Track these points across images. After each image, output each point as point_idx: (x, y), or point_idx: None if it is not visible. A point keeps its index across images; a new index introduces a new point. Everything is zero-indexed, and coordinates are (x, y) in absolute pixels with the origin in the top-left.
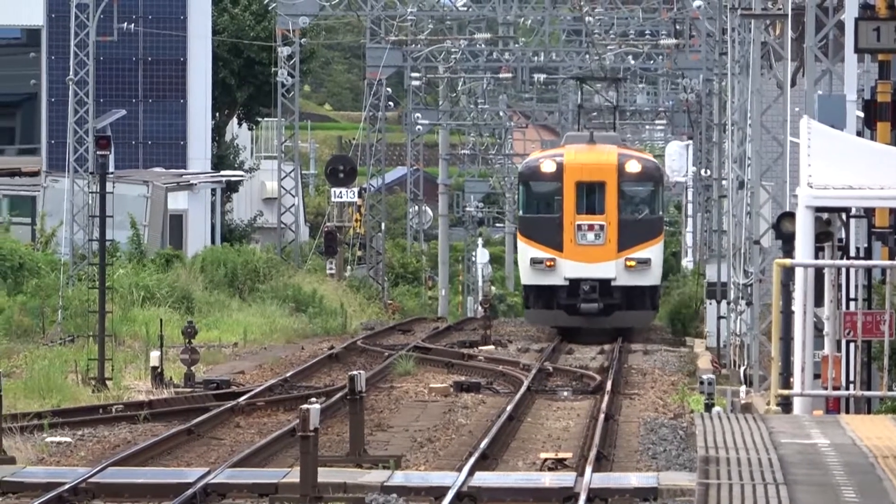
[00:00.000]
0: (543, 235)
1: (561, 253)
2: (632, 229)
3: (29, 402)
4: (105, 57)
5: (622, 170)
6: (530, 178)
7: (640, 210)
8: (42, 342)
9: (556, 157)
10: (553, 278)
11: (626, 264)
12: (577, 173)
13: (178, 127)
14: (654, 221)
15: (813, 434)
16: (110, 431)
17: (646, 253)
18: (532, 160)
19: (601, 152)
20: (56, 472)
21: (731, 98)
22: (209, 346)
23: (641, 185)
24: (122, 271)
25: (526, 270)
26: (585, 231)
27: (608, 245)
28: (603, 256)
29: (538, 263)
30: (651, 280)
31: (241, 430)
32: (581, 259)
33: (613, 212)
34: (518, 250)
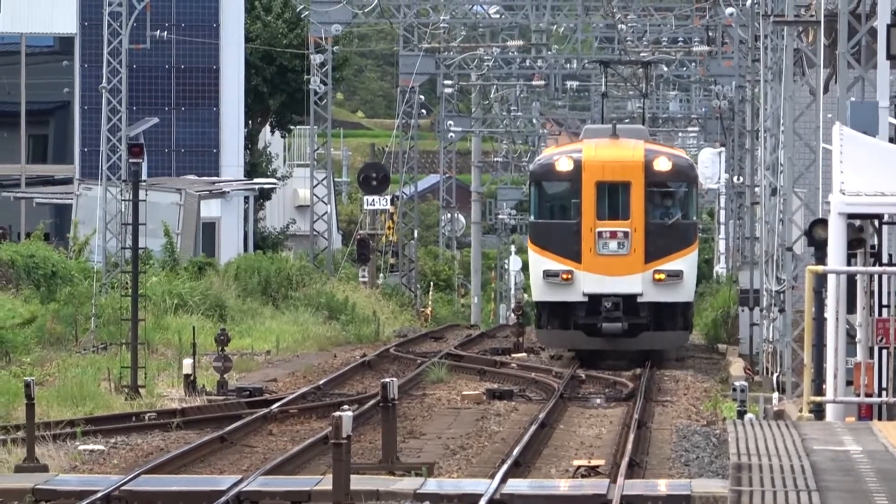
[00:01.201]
0: (558, 244)
1: (579, 265)
2: (661, 237)
3: (62, 409)
4: (138, 65)
5: (650, 168)
6: (543, 178)
7: (671, 214)
8: (75, 350)
9: (573, 153)
10: (569, 294)
11: (655, 277)
12: (597, 172)
13: (210, 135)
14: (686, 228)
15: (845, 441)
16: (143, 439)
17: (677, 264)
18: (545, 157)
19: (625, 147)
20: (89, 479)
21: (764, 105)
22: (242, 354)
23: (672, 186)
24: (155, 279)
25: (538, 284)
26: (607, 239)
27: (633, 255)
28: (627, 269)
29: (552, 277)
30: (683, 295)
31: (274, 437)
32: (602, 272)
33: (640, 217)
34: (529, 261)
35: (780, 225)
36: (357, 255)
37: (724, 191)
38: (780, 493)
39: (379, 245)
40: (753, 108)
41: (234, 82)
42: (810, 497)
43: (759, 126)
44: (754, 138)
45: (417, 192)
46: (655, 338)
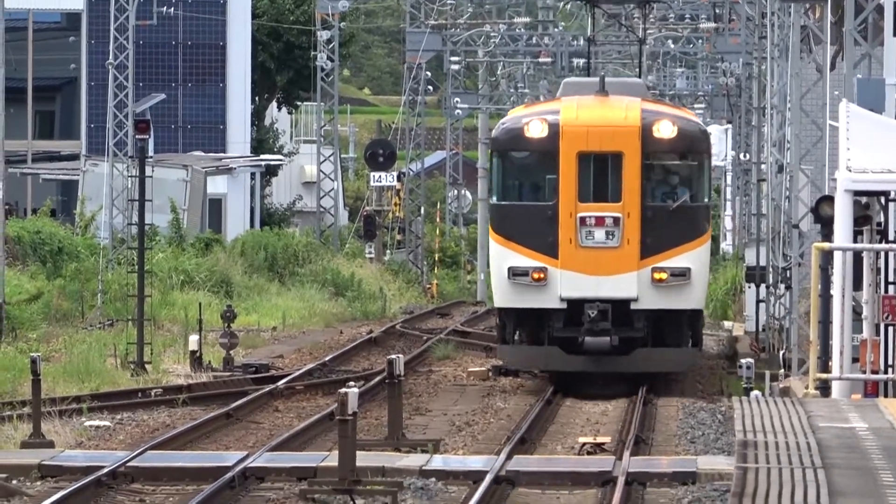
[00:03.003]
0: (528, 234)
1: (555, 261)
2: (663, 225)
3: (68, 385)
4: (145, 41)
5: (648, 134)
6: (509, 148)
7: (676, 195)
8: (81, 326)
9: (547, 115)
10: (543, 299)
11: (654, 278)
12: (579, 139)
13: (217, 111)
14: (695, 213)
15: (851, 418)
16: (149, 415)
17: (683, 260)
18: (512, 120)
19: (617, 108)
20: (95, 455)
21: (771, 82)
22: (248, 331)
23: (678, 158)
24: (161, 255)
25: (502, 286)
26: (592, 227)
27: (626, 249)
28: (618, 266)
29: (520, 276)
30: (691, 301)
31: (280, 413)
32: (585, 270)
33: (635, 198)
34: (490, 256)
35: (786, 202)
36: (363, 232)
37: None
38: (786, 470)
39: (385, 221)
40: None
41: (240, 58)
42: (816, 474)
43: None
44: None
45: (424, 168)
46: (654, 356)
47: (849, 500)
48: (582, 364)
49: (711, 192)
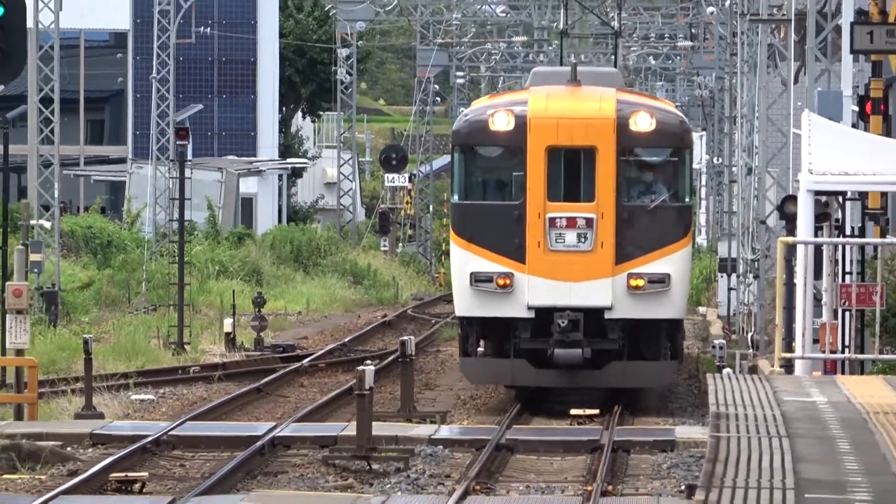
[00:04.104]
0: (492, 236)
1: (522, 265)
2: (640, 226)
3: (116, 363)
4: (184, 57)
5: (625, 127)
6: (471, 142)
7: (655, 194)
8: (128, 311)
9: (514, 106)
10: (508, 307)
11: (630, 284)
12: (549, 133)
13: (248, 120)
14: (676, 213)
15: (812, 393)
16: (188, 390)
17: (662, 265)
18: (475, 111)
19: (590, 99)
20: (140, 425)
21: (741, 94)
22: (276, 315)
23: (657, 153)
24: (199, 248)
25: (463, 293)
26: (563, 229)
27: (600, 252)
28: (591, 271)
29: (484, 282)
30: (670, 310)
31: (305, 388)
32: (555, 276)
33: (609, 197)
34: (451, 260)
35: (754, 201)
36: (379, 227)
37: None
38: (755, 439)
39: (398, 218)
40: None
41: (269, 73)
42: (781, 442)
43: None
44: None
45: (432, 170)
46: (630, 370)
47: (810, 466)
48: (551, 378)
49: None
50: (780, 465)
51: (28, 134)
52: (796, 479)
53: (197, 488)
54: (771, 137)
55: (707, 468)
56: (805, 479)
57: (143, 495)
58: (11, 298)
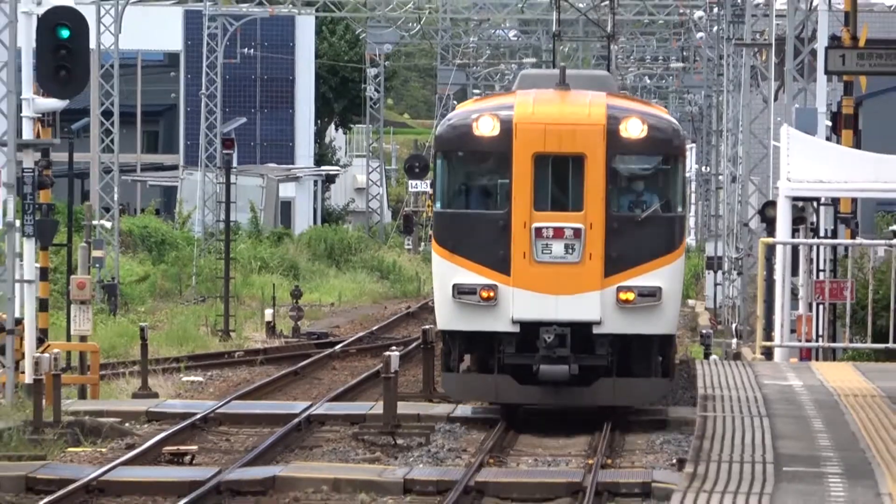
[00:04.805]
0: (476, 247)
1: (506, 277)
2: (630, 237)
3: (169, 349)
4: (230, 75)
5: (615, 133)
6: (454, 148)
7: (646, 204)
8: (179, 301)
9: (499, 110)
10: (492, 321)
11: (620, 298)
12: (535, 139)
13: (287, 131)
14: (668, 224)
15: (789, 377)
16: (233, 372)
17: (653, 278)
18: (458, 116)
19: (579, 103)
20: (190, 404)
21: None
22: (311, 306)
23: (648, 161)
24: (242, 246)
25: (445, 305)
26: (549, 239)
27: (588, 264)
28: (579, 284)
29: (467, 294)
30: (661, 325)
31: (337, 371)
32: (541, 288)
33: (598, 207)
34: (433, 271)
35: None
36: (403, 228)
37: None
38: (738, 418)
39: (420, 219)
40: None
41: (305, 90)
42: (762, 421)
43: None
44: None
45: None
46: (619, 388)
47: (787, 442)
48: (536, 395)
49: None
50: (761, 441)
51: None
52: (775, 454)
53: (241, 460)
54: (753, 149)
55: (695, 444)
56: (783, 454)
57: (193, 466)
58: (76, 290)
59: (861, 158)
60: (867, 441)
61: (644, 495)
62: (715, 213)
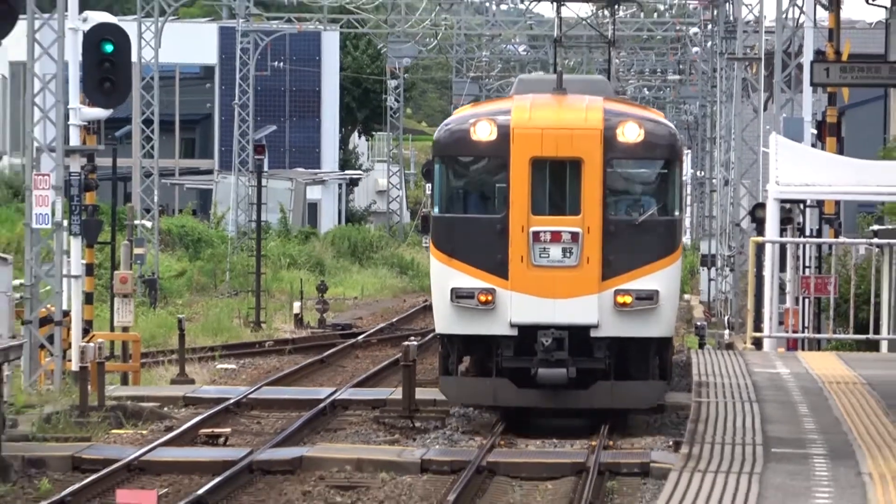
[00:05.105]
0: (474, 251)
1: (504, 281)
2: (627, 241)
3: (205, 338)
4: (261, 87)
5: (612, 138)
6: (452, 152)
7: (643, 207)
8: (214, 295)
9: (497, 115)
10: (490, 324)
11: (617, 301)
12: (533, 144)
13: (314, 138)
14: (665, 227)
15: (777, 365)
16: (264, 360)
17: (650, 281)
18: (456, 121)
19: (576, 108)
20: (224, 390)
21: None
22: (336, 299)
23: (645, 165)
24: (272, 244)
25: (444, 309)
26: (547, 243)
27: (586, 268)
28: (576, 288)
29: (465, 298)
30: (659, 328)
31: (360, 360)
32: (539, 292)
33: (596, 211)
34: (431, 275)
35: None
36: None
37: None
38: (730, 403)
39: None
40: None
41: (331, 100)
42: (752, 406)
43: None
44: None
45: None
46: (617, 391)
47: (775, 425)
48: (534, 398)
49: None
50: (751, 425)
51: (132, 149)
52: (764, 437)
53: (271, 441)
54: (744, 155)
55: (691, 427)
56: (771, 437)
57: (227, 447)
58: (118, 285)
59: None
60: (849, 424)
61: (643, 474)
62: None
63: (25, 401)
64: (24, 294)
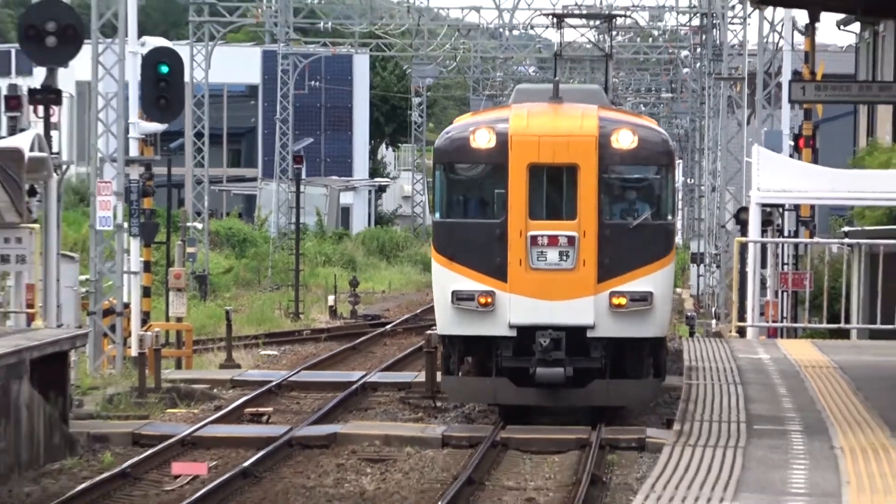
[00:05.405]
0: (474, 254)
1: (503, 284)
2: (622, 245)
3: (249, 328)
4: (300, 104)
5: (607, 144)
6: (452, 159)
7: (637, 212)
8: (258, 289)
9: (496, 123)
10: (490, 325)
11: (613, 303)
12: (530, 150)
13: (346, 149)
14: (658, 231)
15: (759, 351)
16: (302, 347)
17: (645, 283)
18: (457, 129)
19: (572, 116)
20: (267, 373)
21: (707, 132)
22: (366, 293)
23: (639, 171)
24: (309, 244)
25: (445, 311)
26: (544, 247)
27: (582, 271)
28: (573, 290)
29: (465, 300)
30: (653, 328)
31: (387, 346)
32: (537, 294)
33: (591, 215)
34: (433, 278)
35: (717, 210)
36: None
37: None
38: (717, 385)
39: None
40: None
41: (361, 115)
42: (736, 388)
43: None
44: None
45: None
46: (613, 389)
47: (757, 405)
48: (533, 397)
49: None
50: (736, 404)
51: (185, 159)
52: (747, 415)
53: (308, 419)
54: (729, 164)
55: (682, 407)
56: (754, 415)
57: (269, 424)
58: (173, 280)
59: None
60: (823, 403)
61: (640, 449)
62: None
63: (90, 383)
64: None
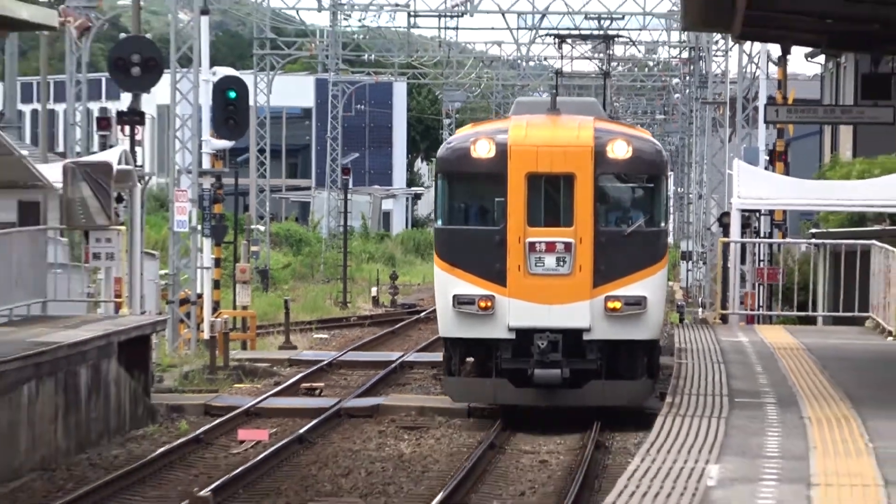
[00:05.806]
0: (474, 260)
1: (502, 288)
2: (617, 251)
3: (304, 315)
4: (348, 124)
5: (602, 154)
6: (454, 168)
7: (631, 219)
8: (311, 282)
9: (495, 134)
10: (490, 328)
11: (608, 307)
12: (528, 160)
13: (387, 163)
14: (652, 238)
15: (739, 335)
16: (349, 332)
17: (638, 288)
18: (458, 140)
19: (569, 127)
20: (320, 354)
21: (695, 148)
22: (404, 285)
23: (633, 180)
24: (355, 243)
25: (447, 315)
26: (542, 253)
27: (578, 276)
28: (570, 294)
29: (466, 304)
30: (646, 331)
31: (422, 331)
32: (535, 298)
33: (587, 222)
34: (435, 283)
35: (703, 215)
36: None
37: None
38: (703, 364)
39: None
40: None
41: (400, 134)
42: (720, 366)
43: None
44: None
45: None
46: (608, 389)
47: (738, 381)
48: (531, 397)
49: (668, 215)
50: (719, 380)
51: (250, 171)
52: (729, 390)
53: (354, 393)
54: (713, 176)
55: (673, 383)
56: (734, 389)
57: (321, 397)
58: (239, 274)
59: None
60: (793, 380)
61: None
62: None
63: (169, 362)
64: (168, 281)
